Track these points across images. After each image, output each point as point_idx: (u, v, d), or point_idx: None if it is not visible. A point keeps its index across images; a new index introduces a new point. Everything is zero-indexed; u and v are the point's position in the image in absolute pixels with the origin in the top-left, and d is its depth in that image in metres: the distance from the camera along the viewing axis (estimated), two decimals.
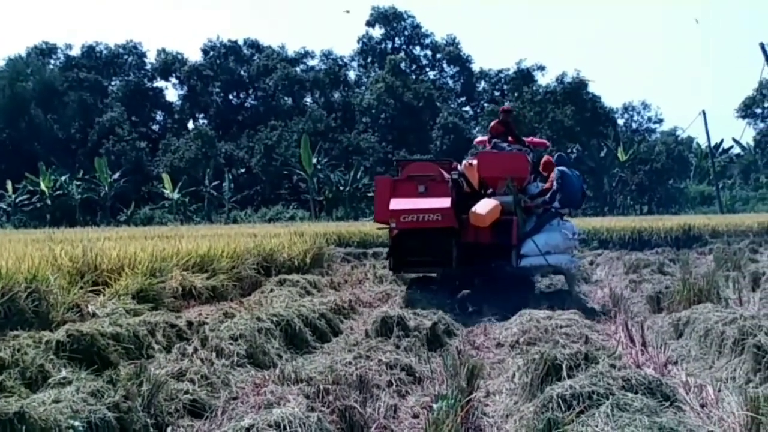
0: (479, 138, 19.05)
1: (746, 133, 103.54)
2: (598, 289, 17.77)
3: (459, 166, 16.72)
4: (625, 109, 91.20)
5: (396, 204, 15.49)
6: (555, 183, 15.34)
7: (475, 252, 15.57)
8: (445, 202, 15.20)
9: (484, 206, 15.14)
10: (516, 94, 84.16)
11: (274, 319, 10.75)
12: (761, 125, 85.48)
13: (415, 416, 7.49)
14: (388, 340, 10.09)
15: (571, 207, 15.71)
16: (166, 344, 9.97)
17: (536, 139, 19.88)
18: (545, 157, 16.68)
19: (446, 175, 15.75)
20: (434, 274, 16.86)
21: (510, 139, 17.39)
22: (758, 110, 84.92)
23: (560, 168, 15.50)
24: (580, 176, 15.84)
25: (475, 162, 16.63)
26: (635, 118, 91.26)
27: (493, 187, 15.81)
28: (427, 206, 15.21)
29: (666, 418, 5.59)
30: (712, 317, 10.26)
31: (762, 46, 40.56)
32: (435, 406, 6.52)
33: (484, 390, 8.19)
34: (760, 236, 34.05)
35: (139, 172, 75.69)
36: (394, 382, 8.33)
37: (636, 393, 6.16)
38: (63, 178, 70.12)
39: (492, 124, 17.80)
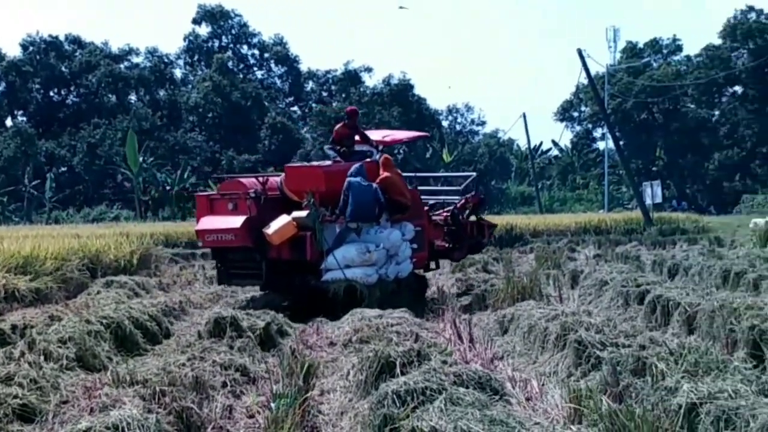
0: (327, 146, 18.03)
1: (564, 136, 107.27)
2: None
3: (275, 179, 16.26)
4: (450, 111, 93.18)
5: (202, 224, 15.49)
6: (343, 194, 15.01)
7: (281, 268, 15.41)
8: (237, 222, 15.03)
9: (275, 225, 14.91)
10: (344, 95, 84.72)
11: (104, 321, 10.59)
12: (578, 128, 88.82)
13: (251, 416, 7.55)
14: (221, 341, 10.06)
15: (362, 221, 15.17)
16: None
17: (403, 135, 20.25)
18: (383, 157, 16.31)
19: (253, 192, 15.38)
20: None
21: (358, 140, 16.98)
22: (575, 114, 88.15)
23: (350, 179, 15.07)
24: (376, 189, 15.20)
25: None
26: (459, 120, 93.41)
27: (300, 200, 15.39)
28: (222, 226, 15.15)
29: (496, 411, 5.84)
30: (535, 314, 10.69)
31: (580, 52, 42.16)
32: (273, 405, 6.60)
33: (319, 388, 8.30)
34: (578, 235, 35.49)
35: None
36: (228, 382, 8.36)
37: (467, 388, 6.41)
38: None
39: (337, 127, 17.25)
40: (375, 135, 18.37)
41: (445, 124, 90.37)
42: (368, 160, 16.26)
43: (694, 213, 49.52)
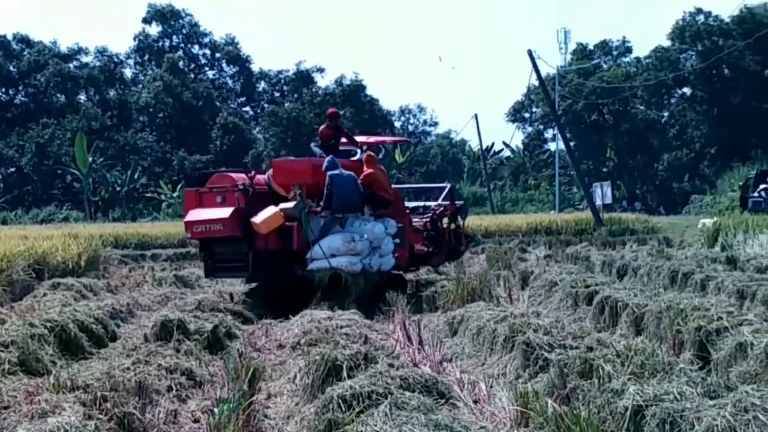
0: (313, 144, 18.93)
1: (516, 137, 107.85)
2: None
3: (262, 176, 16.82)
4: (402, 111, 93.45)
5: (190, 216, 15.94)
6: (326, 188, 15.53)
7: (268, 258, 15.87)
8: (225, 212, 15.49)
9: (263, 215, 15.38)
10: (296, 96, 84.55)
11: (48, 324, 10.39)
12: (529, 129, 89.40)
13: (196, 421, 7.45)
14: (168, 345, 9.93)
15: (347, 211, 15.76)
16: None
17: (384, 138, 20.30)
18: (366, 154, 16.99)
19: (241, 185, 15.96)
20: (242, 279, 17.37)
21: (343, 141, 17.78)
22: (526, 115, 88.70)
23: (331, 173, 15.62)
24: (355, 179, 15.93)
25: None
26: (411, 120, 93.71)
27: (287, 194, 15.92)
28: (211, 216, 15.60)
29: (441, 415, 5.79)
30: (484, 315, 10.67)
31: (530, 53, 42.34)
32: (216, 410, 6.51)
33: (266, 392, 8.22)
34: (529, 236, 35.65)
35: None
36: (174, 386, 8.23)
37: (413, 391, 6.35)
38: None
39: (321, 128, 18.00)
40: (358, 137, 19.18)
41: (397, 124, 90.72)
42: (352, 158, 17.14)
43: (644, 214, 49.93)
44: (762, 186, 36.79)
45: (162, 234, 34.68)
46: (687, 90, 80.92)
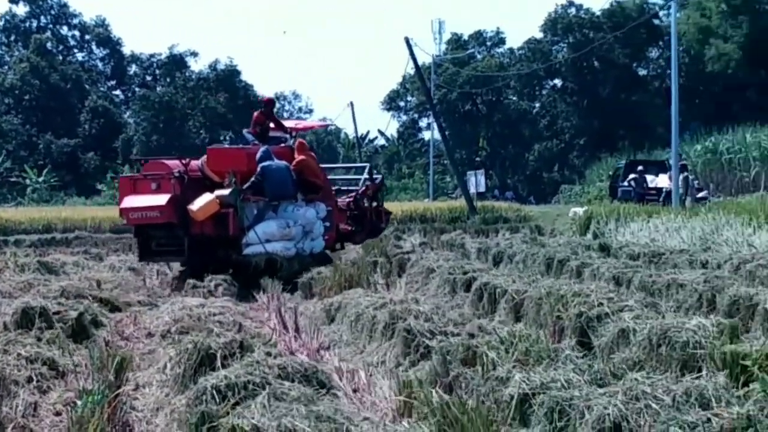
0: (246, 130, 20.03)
1: (391, 125, 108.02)
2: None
3: (197, 162, 17.28)
4: (277, 98, 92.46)
5: (126, 202, 16.58)
6: (256, 178, 16.12)
7: (204, 243, 16.51)
8: (162, 200, 16.06)
9: (199, 202, 15.96)
10: (168, 80, 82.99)
11: None
12: (404, 118, 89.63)
13: (58, 413, 7.01)
14: (29, 333, 9.37)
15: (282, 198, 16.46)
16: None
17: (311, 123, 21.21)
18: (298, 141, 18.03)
19: (176, 172, 16.52)
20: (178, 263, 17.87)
21: (272, 126, 18.73)
22: (402, 103, 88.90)
23: (263, 165, 16.23)
24: (288, 167, 16.65)
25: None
26: (287, 107, 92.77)
27: (222, 181, 16.59)
28: (148, 204, 16.19)
29: (323, 406, 5.49)
30: (362, 302, 10.42)
31: (407, 40, 42.24)
32: (79, 402, 6.08)
33: (134, 383, 7.79)
34: (404, 223, 35.64)
35: None
36: (34, 377, 7.73)
37: (293, 381, 6.02)
38: None
39: (255, 114, 19.11)
40: (287, 123, 20.83)
41: None
42: (282, 144, 18.20)
43: (516, 203, 50.57)
44: (631, 176, 37.59)
45: (26, 219, 33.64)
46: (558, 81, 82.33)
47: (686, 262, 14.29)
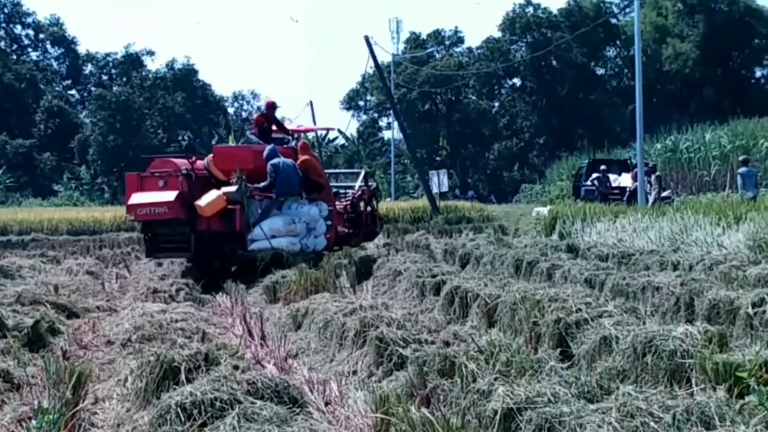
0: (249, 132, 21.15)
1: (351, 125, 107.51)
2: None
3: (202, 161, 17.93)
4: (236, 97, 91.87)
5: (133, 199, 17.00)
6: (269, 176, 16.86)
7: (210, 239, 17.07)
8: (170, 196, 16.56)
9: (206, 198, 16.53)
10: (125, 79, 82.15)
11: None
12: (364, 117, 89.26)
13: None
14: None
15: (289, 195, 17.15)
16: None
17: (313, 126, 25.29)
18: (301, 142, 18.86)
19: (184, 170, 17.06)
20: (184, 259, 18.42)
21: (274, 128, 19.46)
22: (361, 102, 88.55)
23: (272, 162, 16.94)
24: (294, 165, 17.33)
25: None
26: (245, 107, 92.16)
27: (228, 179, 17.12)
28: (156, 200, 16.65)
29: (297, 426, 5.11)
30: (331, 308, 10.02)
31: (367, 39, 41.86)
32: (34, 422, 5.68)
33: (93, 396, 7.37)
34: None
35: None
36: None
37: (263, 399, 5.60)
38: None
39: (256, 116, 20.31)
40: (288, 126, 21.40)
41: (231, 110, 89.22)
42: (285, 145, 18.75)
43: (477, 202, 50.38)
44: (594, 175, 37.46)
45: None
46: (517, 81, 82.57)
47: (657, 264, 14.03)
